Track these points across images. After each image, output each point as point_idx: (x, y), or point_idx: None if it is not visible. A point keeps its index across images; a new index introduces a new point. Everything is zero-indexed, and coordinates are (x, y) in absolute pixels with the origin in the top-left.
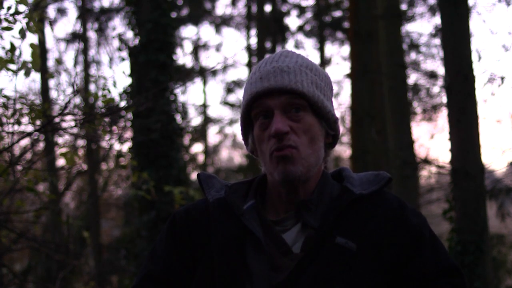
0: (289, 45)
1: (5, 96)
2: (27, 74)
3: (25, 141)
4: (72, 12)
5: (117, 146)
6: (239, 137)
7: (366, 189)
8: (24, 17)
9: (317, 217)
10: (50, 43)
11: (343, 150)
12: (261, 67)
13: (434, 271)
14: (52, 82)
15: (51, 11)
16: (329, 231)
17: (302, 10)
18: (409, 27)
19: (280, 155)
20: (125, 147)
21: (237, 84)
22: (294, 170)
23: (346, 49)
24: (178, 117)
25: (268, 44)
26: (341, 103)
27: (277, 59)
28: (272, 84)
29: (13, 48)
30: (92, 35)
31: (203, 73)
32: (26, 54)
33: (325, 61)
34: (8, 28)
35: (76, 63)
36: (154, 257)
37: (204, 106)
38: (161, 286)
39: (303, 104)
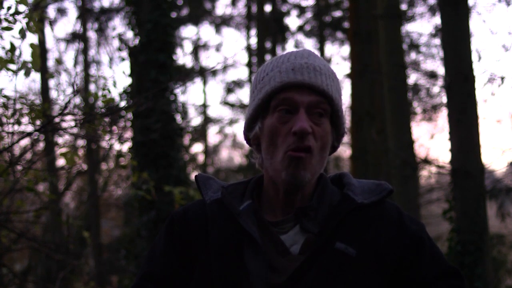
0: (289, 45)
1: (5, 96)
2: (27, 74)
3: (25, 141)
4: (72, 12)
5: (117, 146)
6: (239, 137)
7: (367, 199)
8: (24, 17)
9: (316, 222)
10: (50, 43)
11: (343, 150)
12: (291, 59)
13: (433, 274)
14: (52, 82)
15: (51, 11)
16: (328, 237)
17: (302, 10)
18: (409, 27)
19: (296, 156)
20: (125, 147)
21: (237, 84)
22: (304, 175)
23: (346, 49)
24: (178, 117)
25: (268, 44)
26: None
27: (307, 56)
28: (306, 79)
29: (13, 48)
30: (92, 35)
31: (203, 73)
32: (26, 54)
33: None
34: (8, 28)
35: (76, 63)
36: (152, 257)
37: (204, 106)
38: (160, 286)
39: (327, 110)
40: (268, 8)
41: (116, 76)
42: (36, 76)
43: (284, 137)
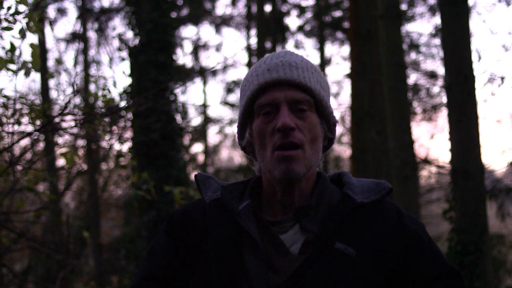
0: (289, 45)
1: (5, 96)
2: (27, 74)
3: (25, 141)
4: (72, 12)
5: (117, 146)
6: None
7: (366, 198)
8: (24, 17)
9: (316, 222)
10: (50, 43)
11: (343, 150)
12: (267, 61)
13: (433, 274)
14: (52, 82)
15: (51, 11)
16: (328, 237)
17: (302, 10)
18: (409, 27)
19: (284, 155)
20: (125, 147)
21: (237, 84)
22: (297, 170)
23: (346, 49)
24: (178, 117)
25: (268, 44)
26: (341, 103)
27: (283, 55)
28: (281, 75)
29: (13, 48)
30: (92, 35)
31: (203, 73)
32: (26, 54)
33: (325, 61)
34: (8, 28)
35: (76, 63)
36: (152, 258)
37: (204, 106)
38: (160, 287)
39: (309, 102)
40: (268, 8)
41: (116, 76)
42: (36, 76)
43: (270, 136)
